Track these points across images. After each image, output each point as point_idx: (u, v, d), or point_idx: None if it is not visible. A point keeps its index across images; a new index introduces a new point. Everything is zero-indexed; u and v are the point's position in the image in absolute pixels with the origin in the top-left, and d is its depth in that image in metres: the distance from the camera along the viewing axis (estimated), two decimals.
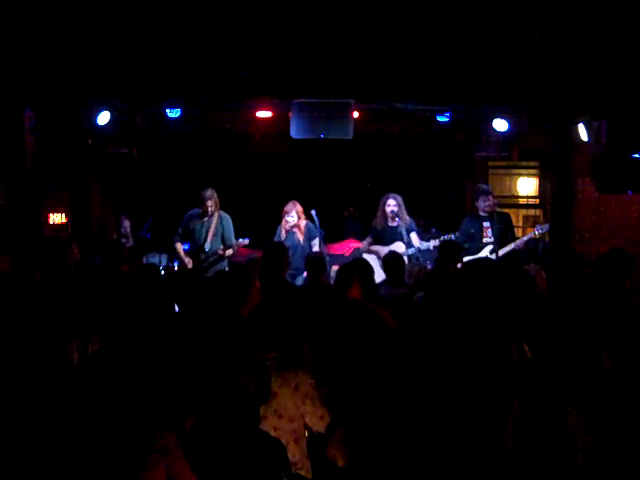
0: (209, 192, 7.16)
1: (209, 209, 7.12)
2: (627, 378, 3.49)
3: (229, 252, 7.18)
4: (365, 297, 4.28)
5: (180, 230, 7.31)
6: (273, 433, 3.08)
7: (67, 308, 3.88)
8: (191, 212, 7.35)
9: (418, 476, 2.95)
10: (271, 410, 3.23)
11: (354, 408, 3.51)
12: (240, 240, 7.19)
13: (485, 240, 7.13)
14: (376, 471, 3.30)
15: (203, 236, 7.16)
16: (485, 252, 7.05)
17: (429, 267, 6.61)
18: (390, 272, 5.21)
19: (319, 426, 3.31)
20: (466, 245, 7.12)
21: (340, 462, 3.27)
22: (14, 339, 3.34)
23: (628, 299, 4.29)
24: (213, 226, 7.16)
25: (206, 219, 7.19)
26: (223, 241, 7.20)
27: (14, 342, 3.31)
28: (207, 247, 7.14)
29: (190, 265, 7.11)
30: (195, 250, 7.20)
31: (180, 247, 7.28)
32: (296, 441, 3.26)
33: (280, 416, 3.25)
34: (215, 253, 7.13)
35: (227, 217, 7.29)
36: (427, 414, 3.03)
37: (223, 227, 7.22)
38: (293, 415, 3.27)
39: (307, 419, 3.30)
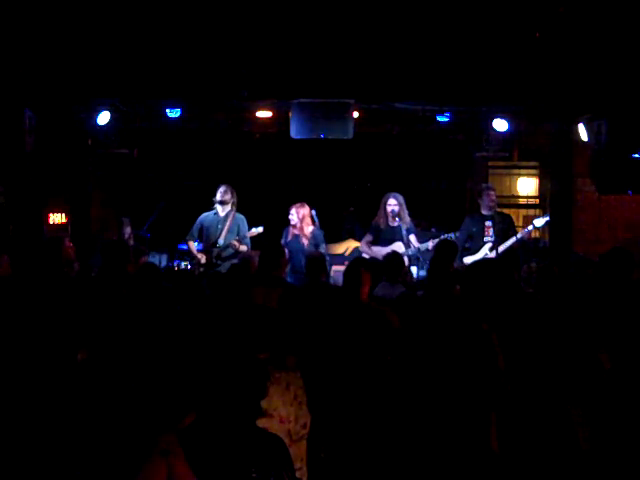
0: (223, 183, 7.28)
1: (219, 197, 7.15)
2: (627, 376, 3.49)
3: (243, 247, 7.18)
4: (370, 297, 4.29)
5: (194, 230, 7.32)
6: None
7: (67, 313, 3.87)
8: (205, 213, 7.37)
9: (407, 472, 2.97)
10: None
11: (349, 407, 3.52)
12: (253, 229, 7.19)
13: (486, 239, 7.11)
14: (368, 469, 3.32)
15: (218, 233, 7.20)
16: (485, 250, 7.03)
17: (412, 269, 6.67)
18: (389, 271, 5.22)
19: (301, 433, 3.23)
20: (467, 244, 7.10)
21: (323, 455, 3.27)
22: (16, 343, 3.34)
23: (633, 297, 4.27)
24: (228, 223, 7.19)
25: (222, 217, 7.23)
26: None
27: (16, 346, 3.30)
28: (220, 242, 7.16)
29: (203, 260, 7.13)
30: (209, 246, 7.23)
31: (193, 245, 7.31)
32: (289, 444, 3.21)
33: (270, 416, 3.15)
34: (228, 246, 7.14)
35: (243, 218, 7.32)
36: (416, 411, 3.06)
37: (238, 226, 7.25)
38: (284, 416, 3.20)
39: (291, 425, 3.22)
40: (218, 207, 7.22)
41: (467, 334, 3.13)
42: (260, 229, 7.19)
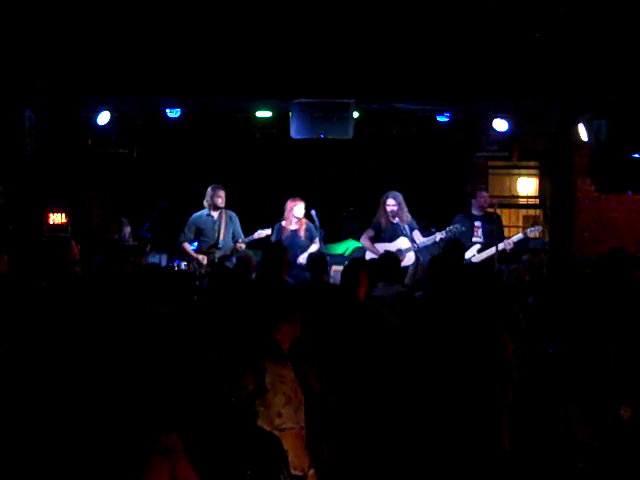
0: (219, 186, 7.29)
1: (220, 202, 7.19)
2: (629, 375, 3.50)
3: (243, 246, 7.24)
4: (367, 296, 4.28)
5: (187, 230, 7.32)
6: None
7: (69, 309, 3.87)
8: (198, 213, 7.37)
9: (415, 470, 2.97)
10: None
11: (354, 403, 3.52)
12: (260, 231, 7.19)
13: (475, 239, 7.10)
14: (373, 467, 3.32)
15: (216, 234, 7.24)
16: (472, 251, 7.01)
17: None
18: (386, 271, 5.20)
19: (275, 422, 3.19)
20: None
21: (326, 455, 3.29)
22: (16, 340, 3.34)
23: (632, 297, 4.28)
24: (224, 224, 7.25)
25: (216, 217, 7.26)
26: (233, 238, 7.29)
27: (16, 343, 3.31)
28: (221, 244, 7.20)
29: (205, 262, 7.15)
30: (209, 247, 7.24)
31: (188, 247, 7.29)
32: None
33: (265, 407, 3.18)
34: (231, 249, 7.18)
35: (235, 215, 7.40)
36: (424, 408, 3.05)
37: (234, 224, 7.33)
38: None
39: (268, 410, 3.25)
40: (212, 209, 7.26)
41: (480, 332, 3.12)
42: (268, 231, 7.19)
